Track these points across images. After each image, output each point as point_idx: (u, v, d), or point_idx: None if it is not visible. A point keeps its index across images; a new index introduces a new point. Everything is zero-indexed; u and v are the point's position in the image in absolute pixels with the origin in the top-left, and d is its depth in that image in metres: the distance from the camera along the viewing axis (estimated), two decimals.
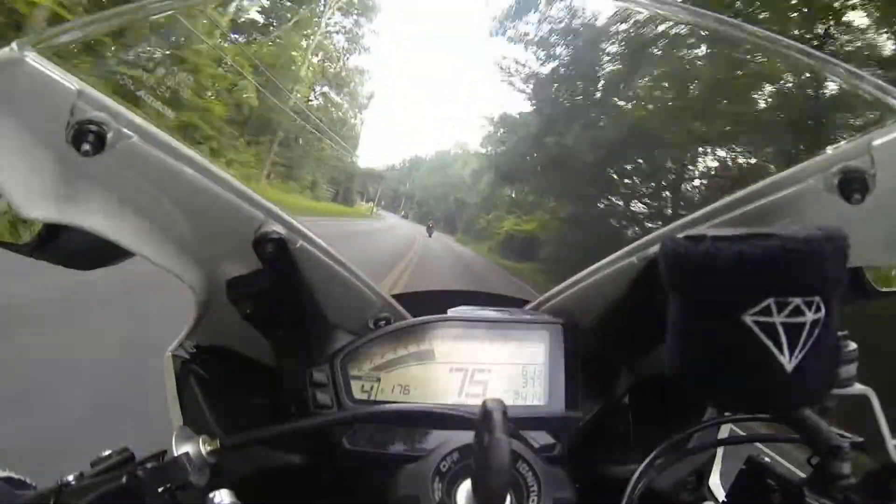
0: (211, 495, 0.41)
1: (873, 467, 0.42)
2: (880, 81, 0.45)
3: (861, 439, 0.44)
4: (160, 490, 0.41)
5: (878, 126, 0.44)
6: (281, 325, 0.57)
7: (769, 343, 0.33)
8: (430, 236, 33.15)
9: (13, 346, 2.40)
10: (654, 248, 0.52)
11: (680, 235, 0.35)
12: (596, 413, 0.60)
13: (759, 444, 0.54)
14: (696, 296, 0.35)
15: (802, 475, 0.45)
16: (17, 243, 0.47)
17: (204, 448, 0.42)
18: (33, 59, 0.36)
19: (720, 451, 0.61)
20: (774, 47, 0.49)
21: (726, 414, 0.51)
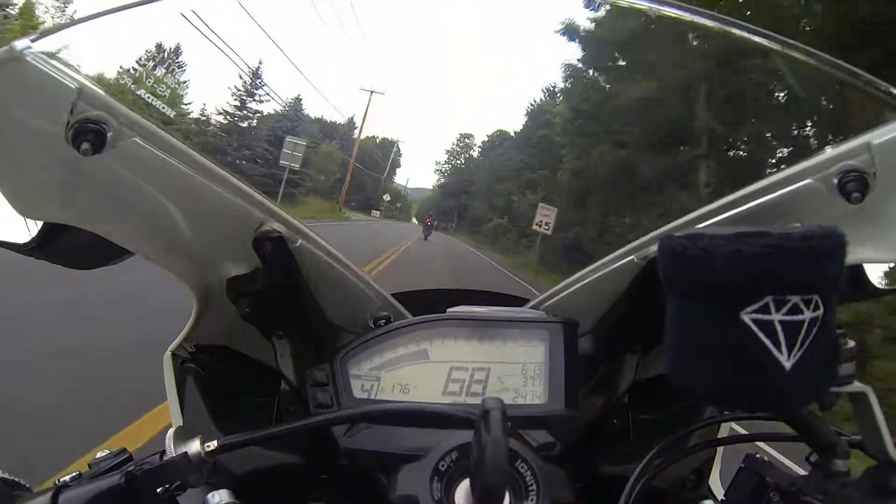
0: (209, 495, 0.41)
1: (872, 465, 0.42)
2: (880, 81, 0.45)
3: (859, 437, 0.44)
4: (158, 490, 0.41)
5: (878, 126, 0.44)
6: (281, 325, 0.57)
7: (767, 341, 0.33)
8: (425, 238, 26.40)
9: None
10: (654, 247, 0.52)
11: (678, 234, 0.35)
12: (596, 412, 0.60)
13: (758, 443, 0.54)
14: (694, 294, 0.35)
15: (802, 473, 0.45)
16: (17, 243, 0.47)
17: (202, 448, 0.41)
18: (33, 57, 0.36)
19: (720, 449, 0.61)
20: (773, 46, 0.49)
21: (725, 413, 0.51)
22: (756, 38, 0.49)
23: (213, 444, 0.42)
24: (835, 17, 8.03)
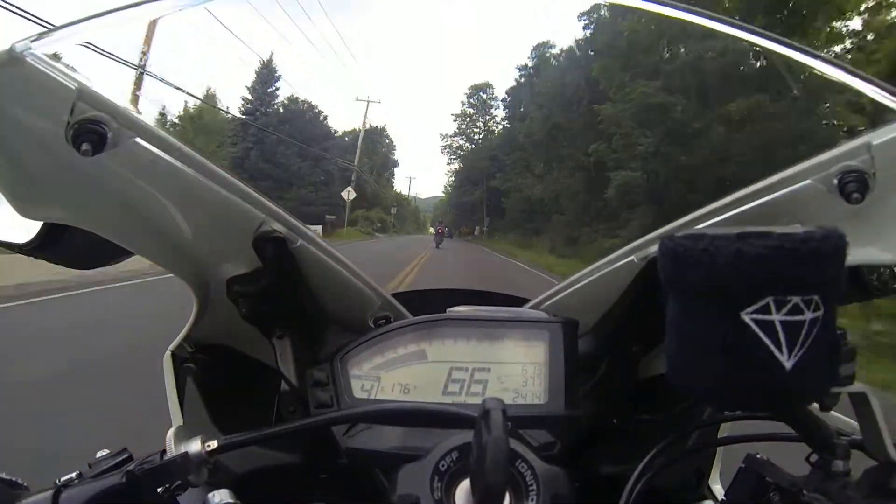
0: (210, 495, 0.41)
1: (872, 465, 0.42)
2: (880, 81, 0.45)
3: (860, 437, 0.44)
4: (159, 490, 0.41)
5: (878, 126, 0.44)
6: (281, 325, 0.57)
7: (768, 341, 0.33)
8: (437, 247, 22.80)
9: None
10: (654, 248, 0.52)
11: (679, 234, 0.35)
12: (596, 412, 0.60)
13: (758, 443, 0.54)
14: (694, 294, 0.35)
15: (802, 474, 0.45)
16: (17, 243, 0.47)
17: (203, 447, 0.42)
18: (33, 58, 0.36)
19: (720, 449, 0.61)
20: (773, 47, 0.49)
21: (725, 413, 0.51)
22: (755, 38, 0.49)
23: (214, 444, 0.42)
24: None
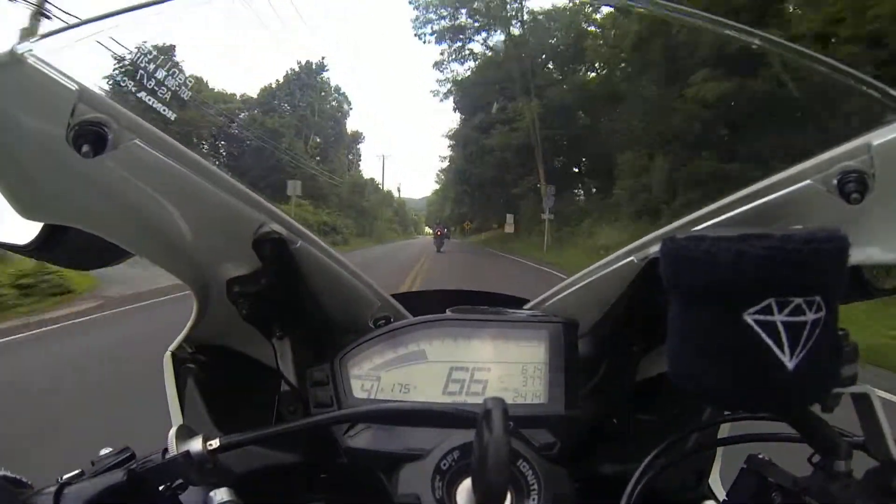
0: (211, 494, 0.41)
1: (874, 466, 0.42)
2: (879, 83, 0.45)
3: (861, 438, 0.44)
4: (160, 488, 0.41)
5: (878, 127, 0.44)
6: (281, 325, 0.57)
7: (770, 342, 0.33)
8: (439, 250, 19.37)
9: None
10: (654, 248, 0.52)
11: (681, 236, 0.35)
12: (596, 412, 0.60)
13: (759, 443, 0.54)
14: (696, 295, 0.35)
15: (804, 474, 0.45)
16: (19, 244, 0.47)
17: (205, 446, 0.42)
18: (34, 59, 0.36)
19: (720, 450, 0.61)
20: (773, 48, 0.49)
21: (726, 413, 0.51)
22: (756, 41, 0.49)
23: (216, 443, 0.42)
24: None
